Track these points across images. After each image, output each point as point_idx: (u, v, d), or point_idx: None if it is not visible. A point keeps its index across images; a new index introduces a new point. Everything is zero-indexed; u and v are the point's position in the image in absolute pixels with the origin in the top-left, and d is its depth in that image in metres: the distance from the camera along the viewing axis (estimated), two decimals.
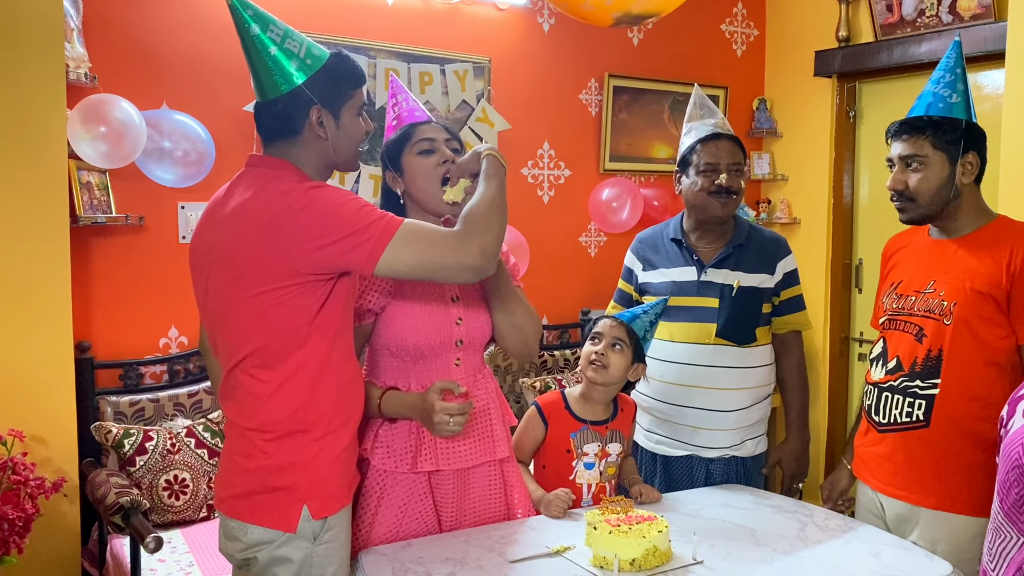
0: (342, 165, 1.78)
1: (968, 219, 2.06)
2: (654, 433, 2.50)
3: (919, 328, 2.05)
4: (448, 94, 3.80)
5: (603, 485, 2.13)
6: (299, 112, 1.67)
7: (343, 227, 1.57)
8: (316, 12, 3.46)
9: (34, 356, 2.65)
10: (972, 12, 3.70)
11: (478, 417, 1.93)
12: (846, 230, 4.38)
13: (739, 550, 1.83)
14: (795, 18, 4.58)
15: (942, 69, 2.07)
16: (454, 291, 1.94)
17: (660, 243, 2.54)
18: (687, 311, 2.42)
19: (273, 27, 1.67)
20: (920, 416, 2.01)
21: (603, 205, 4.18)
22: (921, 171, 2.03)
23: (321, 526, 1.67)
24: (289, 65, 1.66)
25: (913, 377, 2.03)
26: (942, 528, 1.99)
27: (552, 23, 4.10)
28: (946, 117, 2.02)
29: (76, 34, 2.92)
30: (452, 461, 1.89)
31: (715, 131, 2.44)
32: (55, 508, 2.64)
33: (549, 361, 3.98)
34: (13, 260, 2.61)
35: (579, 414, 2.14)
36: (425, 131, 1.95)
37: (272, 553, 1.66)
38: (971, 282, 1.98)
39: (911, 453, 2.03)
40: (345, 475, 1.73)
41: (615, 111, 4.27)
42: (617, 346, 2.15)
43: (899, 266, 2.19)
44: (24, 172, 2.61)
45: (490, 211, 1.67)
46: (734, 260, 2.45)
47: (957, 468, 1.98)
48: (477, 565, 1.72)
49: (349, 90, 1.73)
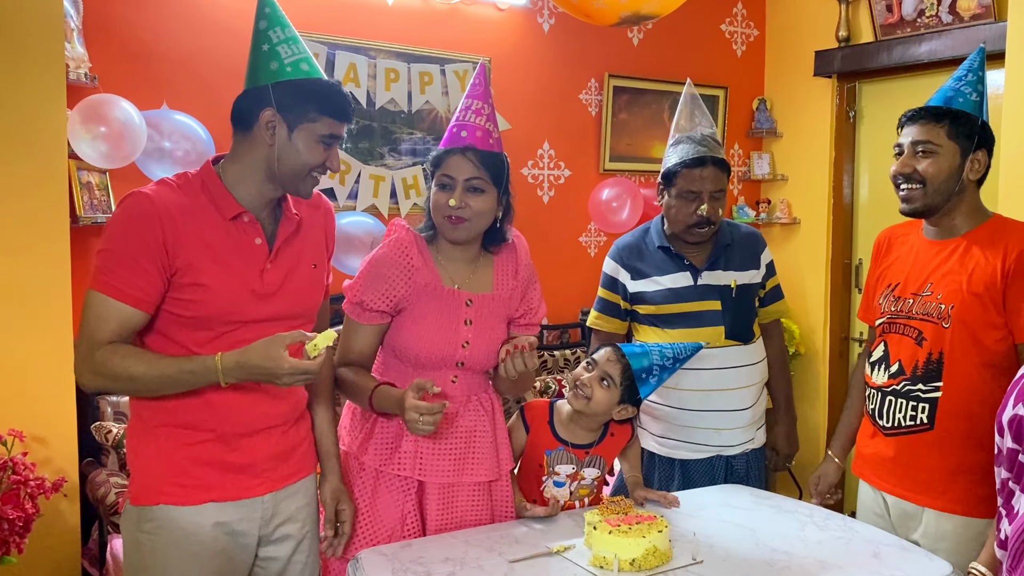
0: (286, 184, 1.72)
1: (964, 219, 2.06)
2: (671, 439, 2.46)
3: (919, 332, 2.05)
4: (448, 94, 3.80)
5: (572, 504, 2.08)
6: (255, 109, 1.67)
7: (100, 242, 1.65)
8: (316, 12, 3.46)
9: (34, 356, 2.64)
10: (972, 12, 3.70)
11: (460, 436, 1.93)
12: (846, 230, 4.38)
13: (739, 550, 1.83)
14: (795, 18, 4.58)
15: (966, 69, 2.07)
16: (469, 314, 1.94)
17: (645, 251, 2.50)
18: (690, 317, 2.42)
19: (279, 29, 1.68)
20: (924, 419, 2.02)
21: (603, 205, 4.18)
22: (931, 158, 2.02)
23: (142, 513, 1.69)
24: (269, 65, 1.67)
25: (915, 381, 2.04)
26: (946, 528, 2.00)
27: (552, 23, 4.10)
28: (965, 112, 2.02)
29: (76, 34, 2.92)
30: (427, 473, 1.89)
31: (701, 155, 2.39)
32: (55, 508, 2.64)
33: (549, 361, 3.98)
34: (13, 260, 2.60)
35: (561, 433, 2.07)
36: (452, 164, 1.89)
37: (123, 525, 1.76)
38: (968, 285, 1.98)
39: (917, 456, 2.04)
40: (178, 475, 1.68)
41: (615, 111, 4.27)
42: (605, 382, 2.03)
43: (895, 266, 2.19)
44: (24, 172, 2.60)
45: (128, 380, 1.64)
46: (724, 260, 2.47)
47: (962, 470, 1.99)
48: (477, 565, 1.72)
49: (315, 112, 1.68)
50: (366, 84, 3.60)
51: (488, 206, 1.91)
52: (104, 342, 1.61)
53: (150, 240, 1.61)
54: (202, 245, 1.64)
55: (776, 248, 4.80)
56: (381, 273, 1.90)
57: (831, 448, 2.34)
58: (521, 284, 2.03)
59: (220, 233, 1.67)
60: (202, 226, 1.65)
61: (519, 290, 2.03)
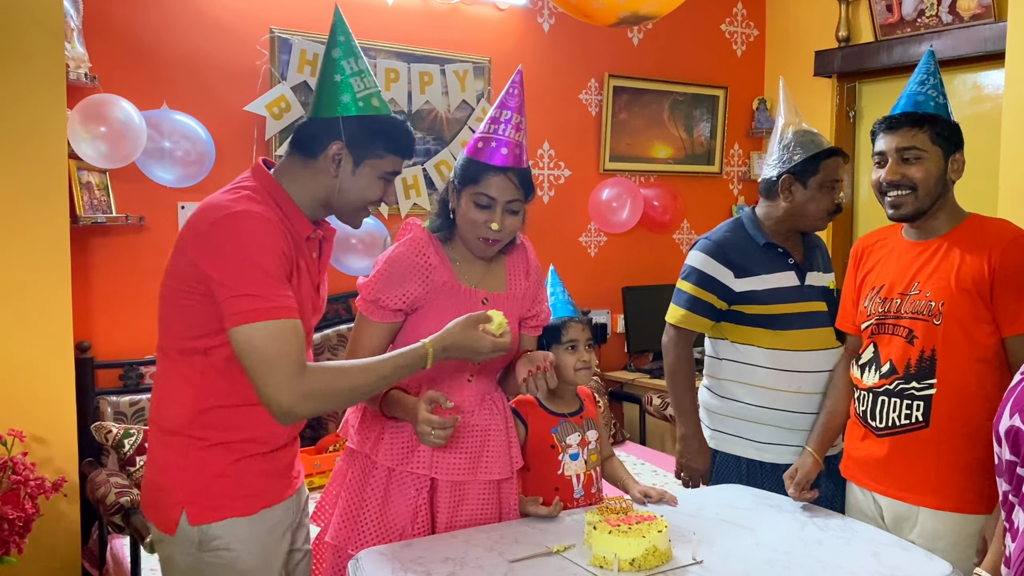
0: (342, 214, 1.75)
1: (945, 219, 2.08)
2: (772, 444, 2.38)
3: (909, 330, 2.05)
4: (448, 94, 3.80)
5: (590, 474, 2.12)
6: (324, 139, 1.67)
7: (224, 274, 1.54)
8: (316, 12, 3.46)
9: (34, 356, 2.64)
10: (972, 12, 3.71)
11: (475, 435, 1.94)
12: (846, 230, 4.38)
13: (739, 550, 1.83)
14: (795, 18, 4.59)
15: (924, 72, 2.11)
16: None
17: (749, 249, 2.40)
18: (801, 318, 2.36)
19: (353, 60, 1.71)
20: (919, 417, 2.02)
21: (603, 205, 4.18)
22: (920, 163, 2.03)
23: (205, 533, 1.62)
24: (341, 96, 1.68)
25: (908, 379, 2.04)
26: (942, 527, 1.99)
27: (552, 23, 4.10)
28: (940, 115, 2.05)
29: (76, 34, 2.92)
30: (442, 471, 1.90)
31: (831, 146, 2.42)
32: (55, 508, 2.64)
33: None
34: (13, 260, 2.61)
35: (554, 409, 2.13)
36: (494, 185, 1.87)
37: (163, 552, 1.68)
38: (956, 281, 1.99)
39: (912, 454, 2.04)
40: (242, 487, 1.67)
41: (615, 111, 4.28)
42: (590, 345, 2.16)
43: (877, 269, 2.19)
44: (24, 172, 2.61)
45: (348, 393, 1.65)
46: (818, 261, 2.46)
47: (958, 467, 1.99)
48: (477, 565, 1.72)
49: (382, 150, 1.70)
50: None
51: (519, 224, 1.94)
52: (303, 363, 1.58)
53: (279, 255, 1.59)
54: (290, 258, 1.65)
55: None
56: (398, 272, 1.89)
57: (809, 444, 2.30)
58: (532, 284, 2.05)
59: (297, 247, 1.69)
60: (288, 239, 1.65)
61: (531, 290, 2.04)
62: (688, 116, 4.55)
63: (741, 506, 2.12)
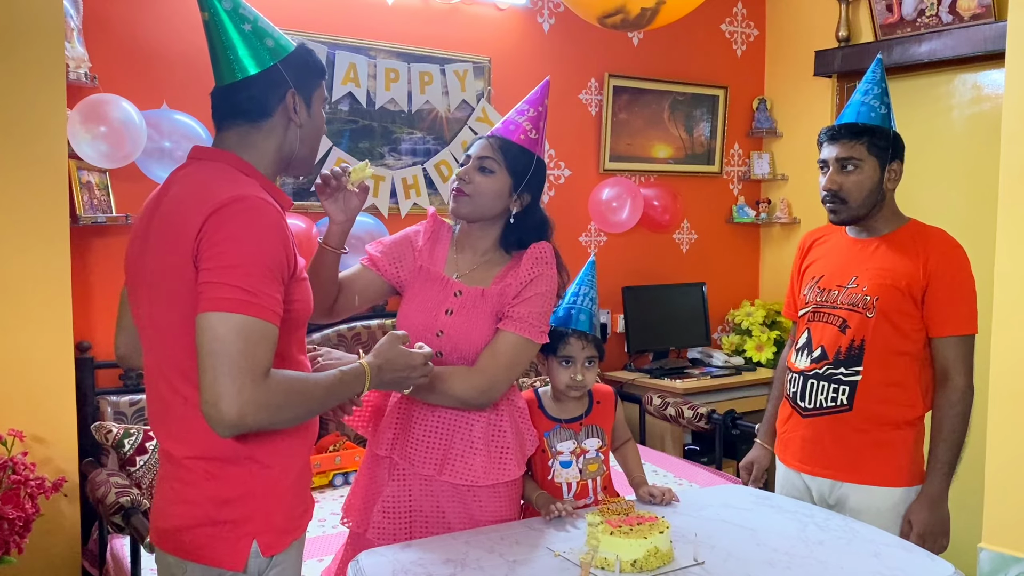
0: (300, 162, 1.64)
1: (885, 221, 2.23)
2: None
3: (843, 320, 2.20)
4: (448, 94, 3.80)
5: (584, 483, 2.07)
6: (274, 94, 1.54)
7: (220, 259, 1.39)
8: (316, 12, 3.46)
9: (34, 356, 2.64)
10: (972, 12, 3.71)
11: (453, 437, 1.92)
12: None
13: (740, 551, 1.83)
14: (795, 18, 4.59)
15: (869, 82, 2.24)
16: (453, 304, 1.94)
17: None
18: None
19: (243, 9, 1.56)
20: (844, 400, 2.19)
21: (603, 205, 4.18)
22: (855, 174, 2.18)
23: (268, 564, 1.51)
24: (264, 43, 1.55)
25: (837, 365, 2.20)
26: (865, 501, 2.17)
27: (552, 23, 4.10)
28: (878, 125, 2.19)
29: (76, 34, 2.92)
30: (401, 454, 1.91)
31: None
32: (55, 508, 2.64)
33: None
34: (13, 260, 2.60)
35: (552, 412, 2.09)
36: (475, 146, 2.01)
37: None
38: (891, 279, 2.15)
39: (836, 434, 2.20)
40: (298, 506, 1.59)
41: (615, 111, 4.28)
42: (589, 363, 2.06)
43: (819, 261, 2.33)
44: (24, 172, 2.60)
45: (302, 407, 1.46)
46: None
47: (878, 444, 2.17)
48: (478, 566, 1.71)
49: (318, 79, 1.63)
50: (366, 84, 3.60)
51: (492, 188, 1.94)
52: (268, 371, 1.39)
53: (282, 249, 1.45)
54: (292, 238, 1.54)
55: (776, 248, 4.81)
56: (398, 237, 2.09)
57: (759, 436, 2.51)
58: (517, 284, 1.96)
59: None
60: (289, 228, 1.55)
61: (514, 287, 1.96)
62: (688, 116, 4.55)
63: (742, 506, 2.12)
